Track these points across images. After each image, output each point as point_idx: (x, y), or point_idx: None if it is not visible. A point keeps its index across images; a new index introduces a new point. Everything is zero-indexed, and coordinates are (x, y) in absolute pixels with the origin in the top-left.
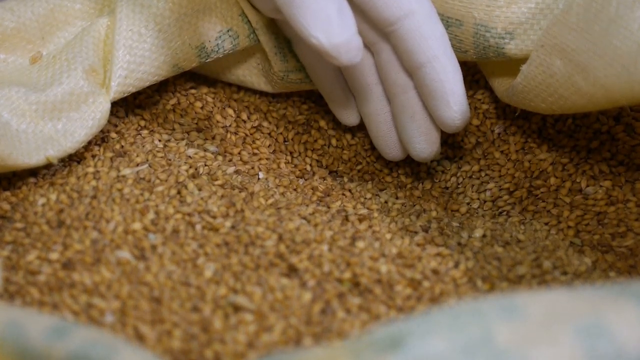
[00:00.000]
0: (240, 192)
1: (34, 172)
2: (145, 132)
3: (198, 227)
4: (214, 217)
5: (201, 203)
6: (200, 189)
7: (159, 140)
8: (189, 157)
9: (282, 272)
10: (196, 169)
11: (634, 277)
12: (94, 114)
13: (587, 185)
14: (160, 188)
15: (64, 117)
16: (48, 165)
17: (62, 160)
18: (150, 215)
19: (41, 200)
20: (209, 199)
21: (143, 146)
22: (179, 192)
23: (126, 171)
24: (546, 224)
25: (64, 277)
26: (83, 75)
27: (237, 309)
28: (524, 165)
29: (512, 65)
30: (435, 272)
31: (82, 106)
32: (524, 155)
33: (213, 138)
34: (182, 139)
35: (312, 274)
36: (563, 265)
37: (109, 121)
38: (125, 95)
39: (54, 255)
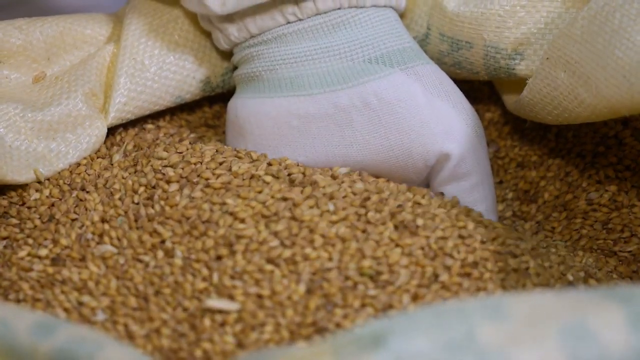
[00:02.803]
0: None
1: None
2: (150, 125)
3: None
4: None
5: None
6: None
7: (164, 135)
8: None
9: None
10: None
11: (636, 282)
12: (89, 137)
13: (592, 190)
14: (144, 173)
15: (59, 137)
16: None
17: None
18: (126, 199)
19: (35, 195)
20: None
21: (143, 137)
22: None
23: (116, 157)
24: (552, 228)
25: (54, 274)
26: (82, 98)
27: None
28: (529, 168)
29: (521, 80)
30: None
31: (79, 128)
32: (529, 158)
33: (224, 133)
34: (190, 134)
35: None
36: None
37: None
38: (124, 121)
39: (43, 252)
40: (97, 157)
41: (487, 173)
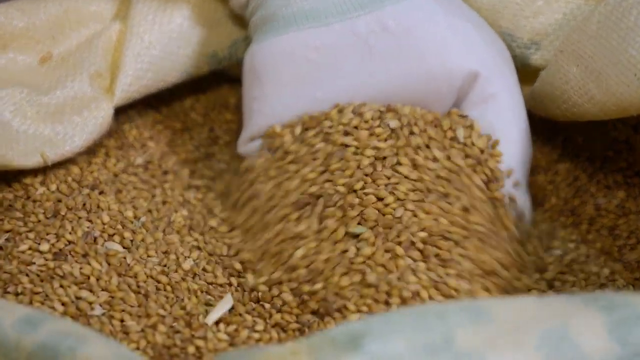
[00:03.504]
0: None
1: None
2: (160, 126)
3: (187, 220)
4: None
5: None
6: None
7: (178, 136)
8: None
9: None
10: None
11: (638, 289)
12: (96, 119)
13: (601, 196)
14: (168, 177)
15: (65, 120)
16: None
17: None
18: (145, 204)
19: (40, 190)
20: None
21: (158, 139)
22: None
23: (138, 160)
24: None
25: (55, 268)
26: (88, 80)
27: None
28: (537, 173)
29: (534, 72)
30: None
31: (84, 111)
32: (538, 163)
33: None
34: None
35: None
36: (572, 273)
37: (123, 113)
38: (130, 101)
39: (45, 246)
40: (111, 157)
41: (517, 95)
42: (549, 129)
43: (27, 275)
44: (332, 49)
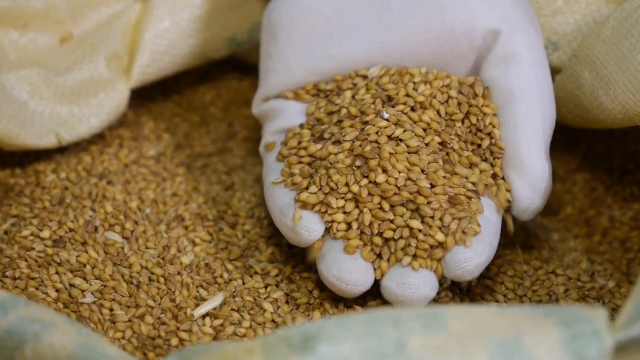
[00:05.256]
0: None
1: (59, 149)
2: (178, 119)
3: (193, 215)
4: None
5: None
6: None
7: (195, 130)
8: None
9: None
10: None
11: None
12: (112, 101)
13: (616, 208)
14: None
15: (81, 102)
16: (70, 145)
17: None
18: (152, 196)
19: (50, 177)
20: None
21: (174, 132)
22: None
23: (151, 152)
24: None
25: (53, 255)
26: (104, 62)
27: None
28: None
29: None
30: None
31: (101, 93)
32: (555, 171)
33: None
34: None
35: None
36: (576, 283)
37: (142, 105)
38: (146, 83)
39: (46, 233)
40: (124, 148)
41: (541, 54)
42: (569, 138)
43: (25, 260)
44: (348, 5)
